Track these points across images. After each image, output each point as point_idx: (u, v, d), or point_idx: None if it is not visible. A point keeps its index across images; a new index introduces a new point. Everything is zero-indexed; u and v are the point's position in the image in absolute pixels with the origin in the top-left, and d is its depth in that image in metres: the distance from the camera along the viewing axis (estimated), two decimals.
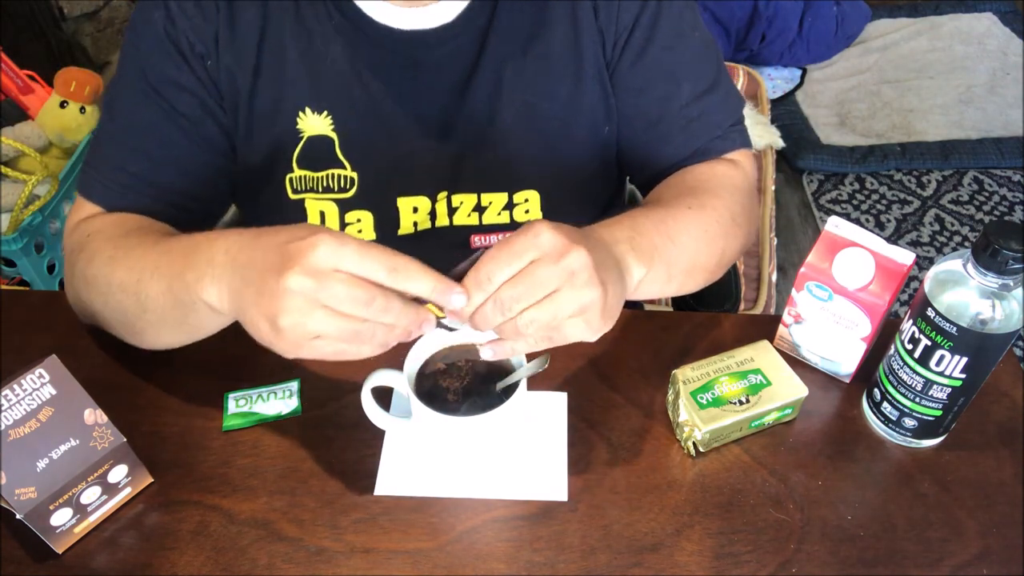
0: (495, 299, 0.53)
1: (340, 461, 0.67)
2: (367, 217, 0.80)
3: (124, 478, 0.63)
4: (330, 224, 0.80)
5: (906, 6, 2.80)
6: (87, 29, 2.35)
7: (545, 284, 0.53)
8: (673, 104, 0.79)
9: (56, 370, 0.59)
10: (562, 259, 0.53)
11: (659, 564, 0.61)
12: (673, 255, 0.68)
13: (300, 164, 0.78)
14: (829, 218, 0.70)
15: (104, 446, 0.61)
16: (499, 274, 0.53)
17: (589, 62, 0.77)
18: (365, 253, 0.51)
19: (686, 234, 0.70)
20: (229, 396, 0.72)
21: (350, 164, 0.78)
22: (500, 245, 0.54)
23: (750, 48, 2.49)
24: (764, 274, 1.81)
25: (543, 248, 0.53)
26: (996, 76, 2.52)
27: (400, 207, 0.80)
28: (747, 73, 2.30)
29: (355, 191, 0.79)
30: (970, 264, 0.58)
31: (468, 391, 0.65)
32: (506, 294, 0.53)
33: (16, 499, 0.57)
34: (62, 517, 0.60)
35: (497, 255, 0.53)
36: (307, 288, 0.50)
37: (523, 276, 0.53)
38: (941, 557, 0.61)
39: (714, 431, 0.65)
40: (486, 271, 0.53)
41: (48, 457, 0.58)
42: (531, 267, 0.53)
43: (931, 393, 0.64)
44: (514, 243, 0.54)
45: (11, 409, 0.57)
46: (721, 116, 0.81)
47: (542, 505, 0.64)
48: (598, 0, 0.76)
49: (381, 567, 0.61)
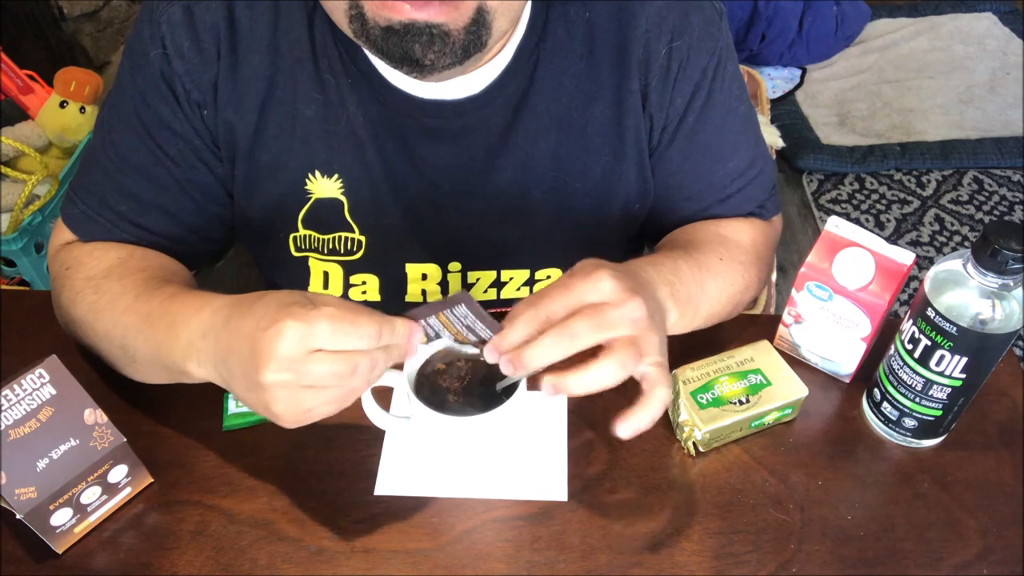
0: (561, 329, 0.52)
1: (340, 461, 0.67)
2: (372, 280, 0.78)
3: (124, 478, 0.63)
4: (333, 286, 0.78)
5: (906, 6, 2.80)
6: (87, 29, 2.35)
7: (616, 325, 0.53)
8: (716, 182, 0.78)
9: (56, 370, 0.59)
10: (625, 305, 0.53)
11: (659, 564, 0.61)
12: (701, 304, 0.70)
13: (306, 225, 0.75)
14: (829, 218, 0.70)
15: (104, 446, 0.61)
16: (556, 311, 0.53)
17: (630, 145, 0.74)
18: (337, 329, 0.50)
19: (714, 285, 0.71)
20: (229, 396, 0.72)
21: (358, 228, 0.75)
22: (557, 286, 0.53)
23: (750, 48, 2.49)
24: None
25: (603, 294, 0.53)
26: (996, 76, 2.52)
27: (408, 272, 0.78)
28: (747, 73, 2.29)
29: (362, 254, 0.76)
30: (970, 264, 0.58)
31: (468, 391, 0.65)
32: (577, 326, 0.52)
33: (16, 499, 0.57)
34: (62, 517, 0.60)
35: (555, 295, 0.53)
36: (286, 380, 0.50)
37: (592, 315, 0.52)
38: (941, 557, 0.61)
39: (714, 431, 0.65)
40: (543, 307, 0.53)
41: (48, 457, 0.58)
42: (599, 307, 0.53)
43: (931, 393, 0.64)
44: (573, 286, 0.53)
45: (11, 409, 0.57)
46: (758, 191, 0.80)
47: (542, 505, 0.64)
48: (649, 86, 0.72)
49: (381, 567, 0.61)
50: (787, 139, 2.22)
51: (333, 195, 0.73)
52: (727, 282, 0.73)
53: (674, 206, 0.80)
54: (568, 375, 0.53)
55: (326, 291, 0.78)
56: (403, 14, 0.55)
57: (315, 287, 0.78)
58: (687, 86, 0.72)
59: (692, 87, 0.73)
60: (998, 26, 2.72)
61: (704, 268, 0.71)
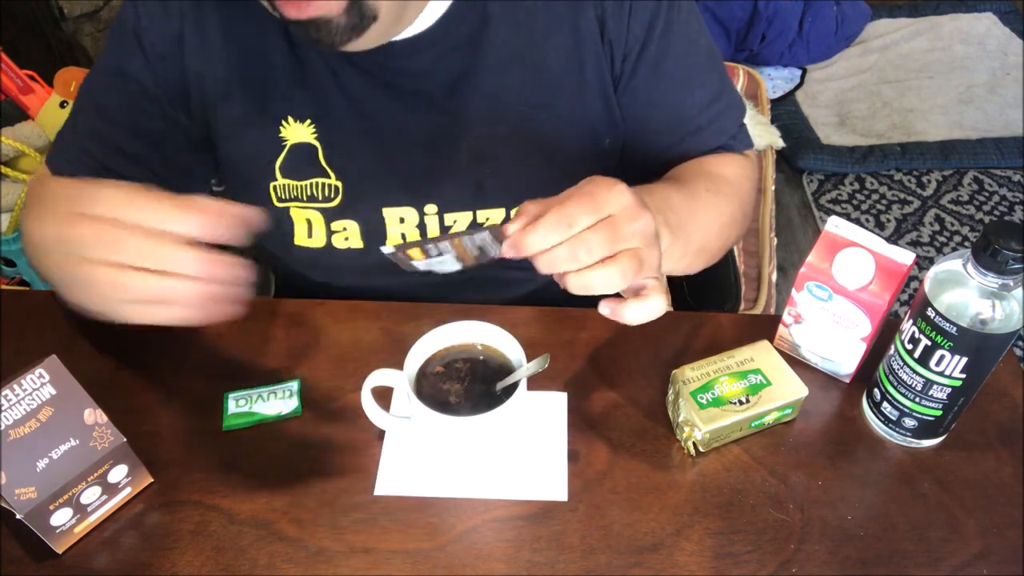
0: (577, 241, 0.53)
1: (340, 461, 0.67)
2: (353, 226, 0.79)
3: (124, 478, 0.63)
4: (317, 234, 0.80)
5: (906, 6, 2.80)
6: (87, 29, 2.35)
7: (627, 239, 0.54)
8: (685, 112, 0.79)
9: (56, 370, 0.59)
10: (639, 220, 0.55)
11: (659, 564, 0.61)
12: (692, 234, 0.70)
13: (284, 173, 0.77)
14: (829, 218, 0.70)
15: (104, 446, 0.61)
16: (582, 220, 0.53)
17: (592, 74, 0.76)
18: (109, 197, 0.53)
19: (704, 215, 0.72)
20: (229, 396, 0.72)
21: (334, 173, 0.77)
22: (582, 194, 0.55)
23: (750, 48, 2.49)
24: (764, 274, 1.81)
25: (624, 205, 0.55)
26: (996, 76, 2.52)
27: (385, 216, 0.79)
28: (747, 73, 2.29)
29: (339, 200, 0.78)
30: (970, 264, 0.58)
31: (468, 391, 0.65)
32: (593, 240, 0.53)
33: (16, 499, 0.57)
34: (62, 517, 0.60)
35: (582, 203, 0.54)
36: (66, 250, 0.54)
37: (608, 228, 0.54)
38: (941, 557, 0.61)
39: (714, 431, 0.65)
40: (570, 213, 0.53)
41: (48, 457, 0.58)
42: (614, 220, 0.54)
43: (931, 393, 0.64)
44: (598, 195, 0.54)
45: (11, 409, 0.57)
46: (729, 122, 0.82)
47: (542, 505, 0.64)
48: (606, 12, 0.74)
49: (381, 567, 0.61)
50: (787, 139, 2.22)
51: (307, 140, 0.76)
52: (716, 212, 0.74)
53: (647, 140, 0.81)
54: (570, 274, 0.54)
55: (310, 240, 0.81)
56: (291, 14, 0.62)
57: (300, 237, 0.81)
58: (644, 14, 0.74)
59: (649, 15, 0.74)
60: (998, 26, 2.71)
61: (694, 198, 0.72)
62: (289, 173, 0.78)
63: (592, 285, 0.55)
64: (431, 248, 0.58)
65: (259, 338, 0.78)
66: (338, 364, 0.75)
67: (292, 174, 0.78)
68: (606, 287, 0.55)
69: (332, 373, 0.74)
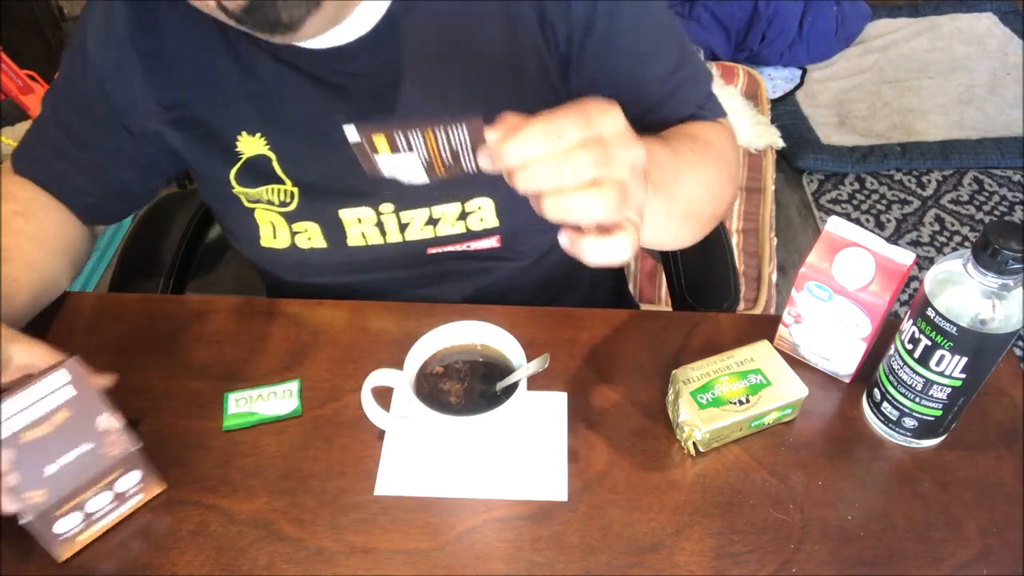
0: (564, 156, 0.48)
1: (340, 461, 0.67)
2: (314, 227, 0.80)
3: (135, 485, 0.62)
4: (281, 235, 0.81)
5: (906, 6, 2.80)
6: None
7: (615, 165, 0.49)
8: (643, 88, 0.76)
9: (77, 372, 0.59)
10: (631, 148, 0.51)
11: (659, 564, 0.61)
12: (677, 195, 0.66)
13: (239, 182, 0.79)
14: (829, 218, 0.70)
15: (116, 453, 0.60)
16: (572, 134, 0.48)
17: (531, 63, 0.74)
18: None
19: (690, 176, 0.69)
20: (229, 396, 0.72)
21: (290, 180, 0.78)
22: (574, 108, 0.50)
23: (750, 48, 2.49)
24: (764, 274, 1.81)
25: (617, 130, 0.50)
26: (996, 76, 2.52)
27: (343, 218, 0.79)
28: (747, 73, 2.30)
29: (296, 204, 0.79)
30: (970, 264, 0.58)
31: (468, 391, 0.65)
32: (581, 157, 0.48)
33: (24, 503, 0.56)
34: (67, 524, 0.59)
35: (575, 117, 0.49)
36: None
37: (598, 148, 0.49)
38: (941, 557, 0.61)
39: (714, 431, 0.65)
40: (560, 124, 0.48)
41: (58, 462, 0.57)
42: (605, 143, 0.49)
43: (931, 393, 0.64)
44: (591, 112, 0.50)
45: (29, 409, 0.56)
46: (693, 91, 0.79)
47: (542, 505, 0.64)
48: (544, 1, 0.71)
49: (381, 567, 0.61)
50: (787, 139, 2.22)
51: (261, 152, 0.77)
52: (703, 175, 0.71)
53: None
54: (548, 195, 0.49)
55: (275, 241, 0.81)
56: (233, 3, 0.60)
57: (266, 239, 0.82)
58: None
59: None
60: (998, 26, 2.71)
61: (679, 157, 0.68)
62: (244, 182, 0.79)
63: (570, 210, 0.49)
64: (399, 138, 0.51)
65: (259, 338, 0.78)
66: (338, 364, 0.75)
67: (247, 183, 0.79)
68: (585, 215, 0.49)
69: (332, 373, 0.74)
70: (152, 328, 0.80)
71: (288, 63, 0.73)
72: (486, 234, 0.81)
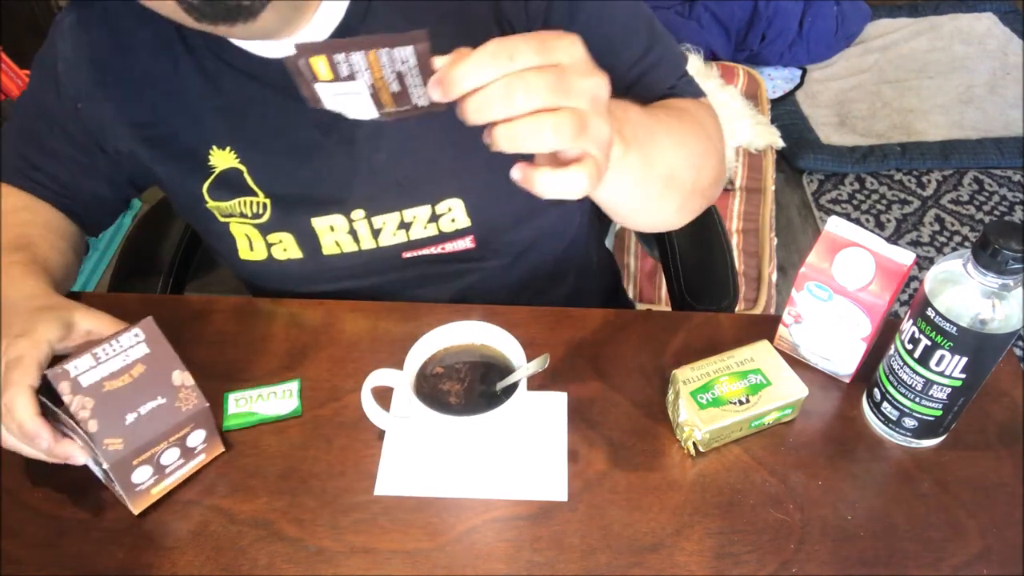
0: (516, 79, 0.45)
1: (340, 461, 0.67)
2: (288, 238, 0.80)
3: (201, 443, 0.65)
4: (257, 248, 0.81)
5: (906, 6, 2.80)
6: None
7: (573, 94, 0.46)
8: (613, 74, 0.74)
9: (150, 330, 0.62)
10: (590, 77, 0.47)
11: (659, 564, 0.61)
12: (653, 154, 0.63)
13: (211, 196, 0.79)
14: (829, 218, 0.70)
15: (188, 408, 0.62)
16: (526, 57, 0.45)
17: None
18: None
19: (666, 138, 0.66)
20: (229, 396, 0.72)
21: (262, 191, 0.78)
22: (532, 34, 0.46)
23: (750, 48, 2.48)
24: (764, 274, 1.81)
25: (576, 58, 0.47)
26: (996, 76, 2.52)
27: (315, 227, 0.79)
28: (747, 73, 2.30)
29: (269, 216, 0.79)
30: (970, 264, 0.58)
31: (468, 391, 0.65)
32: (535, 81, 0.45)
33: (104, 448, 0.58)
34: (142, 475, 0.61)
35: (530, 41, 0.45)
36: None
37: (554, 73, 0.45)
38: (941, 557, 0.61)
39: (714, 431, 0.65)
40: (512, 46, 0.45)
41: (137, 412, 0.60)
42: (562, 69, 0.46)
43: (931, 393, 0.64)
44: (547, 39, 0.46)
45: (107, 362, 0.60)
46: (664, 73, 0.77)
47: (542, 505, 0.64)
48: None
49: (381, 567, 0.61)
50: (787, 139, 2.22)
51: (232, 165, 0.78)
52: (680, 138, 0.68)
53: None
54: (499, 124, 0.46)
55: (252, 253, 0.82)
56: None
57: (243, 251, 0.82)
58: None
59: None
60: (998, 26, 2.71)
61: (654, 118, 0.66)
62: (217, 196, 0.79)
63: (520, 138, 0.46)
64: (341, 62, 0.47)
65: (259, 338, 0.78)
66: (338, 364, 0.75)
67: (219, 196, 0.79)
68: (536, 142, 0.46)
69: (332, 373, 0.74)
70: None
71: (252, 76, 0.73)
72: (459, 235, 0.81)
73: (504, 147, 0.47)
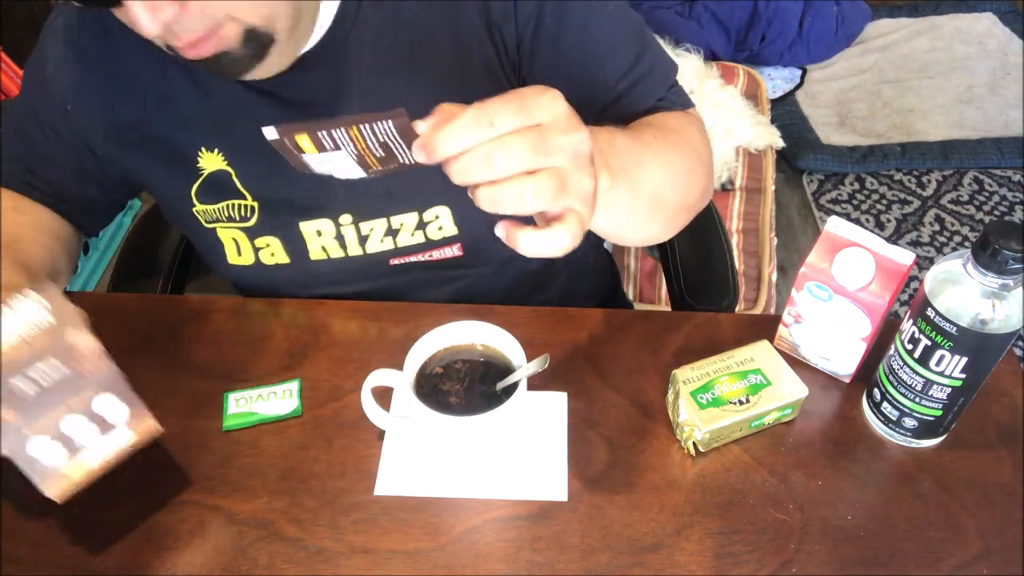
0: (498, 144, 0.45)
1: (340, 461, 0.67)
2: (275, 242, 0.81)
3: (120, 416, 0.58)
4: (245, 252, 0.81)
5: (906, 6, 2.80)
6: None
7: (553, 153, 0.46)
8: (598, 87, 0.75)
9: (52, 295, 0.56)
10: (571, 133, 0.47)
11: (659, 564, 0.61)
12: (640, 181, 0.63)
13: (199, 199, 0.79)
14: (829, 218, 0.70)
15: (87, 370, 0.56)
16: (506, 122, 0.45)
17: (477, 63, 0.73)
18: None
19: (653, 161, 0.66)
20: (229, 396, 0.72)
21: (250, 194, 0.79)
22: (512, 94, 0.46)
23: (750, 48, 2.48)
24: (764, 274, 1.81)
25: (557, 115, 0.47)
26: (996, 76, 2.52)
27: (303, 231, 0.80)
28: (747, 73, 2.30)
29: (256, 219, 0.79)
30: (970, 264, 0.58)
31: (468, 391, 0.65)
32: (515, 144, 0.45)
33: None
34: (45, 450, 0.55)
35: (509, 103, 0.46)
36: None
37: (534, 134, 0.46)
38: (941, 557, 0.61)
39: (714, 431, 0.65)
40: (492, 111, 0.45)
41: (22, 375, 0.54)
42: (542, 129, 0.46)
43: (931, 393, 0.64)
44: (527, 97, 0.46)
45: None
46: (653, 84, 0.76)
47: (542, 505, 0.64)
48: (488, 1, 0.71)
49: (381, 567, 0.61)
50: (787, 139, 2.22)
51: (220, 167, 0.78)
52: (667, 159, 0.68)
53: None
54: (481, 186, 0.47)
55: (240, 258, 0.82)
56: (191, 55, 0.62)
57: (231, 256, 0.82)
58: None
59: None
60: (998, 26, 2.71)
61: (640, 143, 0.66)
62: (205, 199, 0.79)
63: (502, 201, 0.46)
64: (324, 138, 0.47)
65: (259, 338, 0.78)
66: (338, 364, 0.75)
67: (207, 199, 0.79)
68: (516, 205, 0.46)
69: (332, 373, 0.74)
70: (152, 328, 0.80)
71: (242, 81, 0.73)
72: (446, 242, 0.81)
73: (487, 208, 0.47)
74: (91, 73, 0.76)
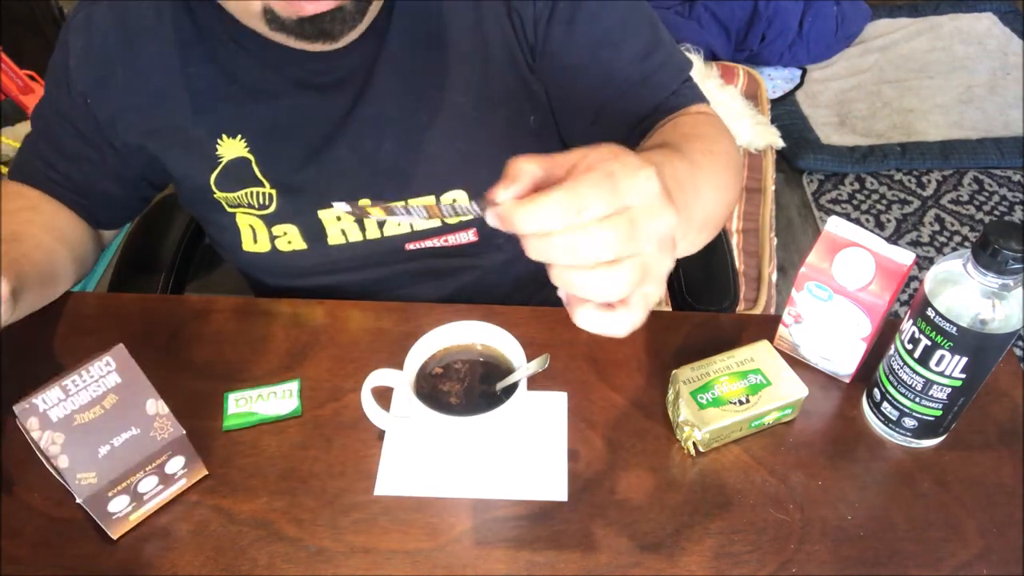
0: (584, 235, 0.42)
1: (340, 461, 0.67)
2: (293, 230, 0.81)
3: (180, 469, 0.64)
4: (261, 239, 0.82)
5: (906, 6, 2.80)
6: None
7: (641, 241, 0.43)
8: (613, 72, 0.75)
9: (122, 358, 0.61)
10: (660, 219, 0.44)
11: (659, 564, 0.61)
12: (695, 210, 0.60)
13: (218, 187, 0.80)
14: (829, 218, 0.70)
15: (164, 437, 0.61)
16: (595, 209, 0.42)
17: (498, 51, 0.75)
18: None
19: (706, 185, 0.63)
20: (229, 396, 0.72)
21: (268, 182, 0.79)
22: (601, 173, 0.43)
23: (750, 48, 2.48)
24: (764, 274, 1.81)
25: (648, 198, 0.43)
26: (996, 76, 2.52)
27: (322, 218, 0.80)
28: (747, 73, 2.30)
29: (275, 207, 0.80)
30: (970, 264, 0.58)
31: (468, 391, 0.65)
32: (603, 236, 0.42)
33: (77, 483, 0.58)
34: (119, 504, 0.61)
35: (599, 186, 0.42)
36: None
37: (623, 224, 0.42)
38: (941, 557, 0.61)
39: (714, 431, 0.65)
40: (582, 196, 0.41)
41: (110, 444, 0.59)
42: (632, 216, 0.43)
43: (931, 393, 0.64)
44: (619, 178, 0.42)
45: (78, 394, 0.58)
46: (668, 77, 0.76)
47: (542, 505, 0.64)
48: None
49: (381, 567, 0.61)
50: (787, 139, 2.22)
51: (240, 154, 0.78)
52: (716, 180, 0.66)
53: (578, 102, 0.78)
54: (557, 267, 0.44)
55: (256, 245, 0.83)
56: (306, 11, 0.63)
57: (247, 243, 0.83)
58: None
59: None
60: (998, 26, 2.71)
61: (695, 167, 0.62)
62: (223, 187, 0.80)
63: (581, 288, 0.44)
64: (398, 210, 0.49)
65: (259, 338, 0.78)
66: (338, 364, 0.75)
67: (226, 187, 0.80)
68: (597, 295, 0.44)
69: (332, 373, 0.74)
70: (152, 328, 0.80)
71: (268, 65, 0.74)
72: (462, 227, 0.81)
73: (559, 285, 0.45)
74: (111, 64, 0.76)
